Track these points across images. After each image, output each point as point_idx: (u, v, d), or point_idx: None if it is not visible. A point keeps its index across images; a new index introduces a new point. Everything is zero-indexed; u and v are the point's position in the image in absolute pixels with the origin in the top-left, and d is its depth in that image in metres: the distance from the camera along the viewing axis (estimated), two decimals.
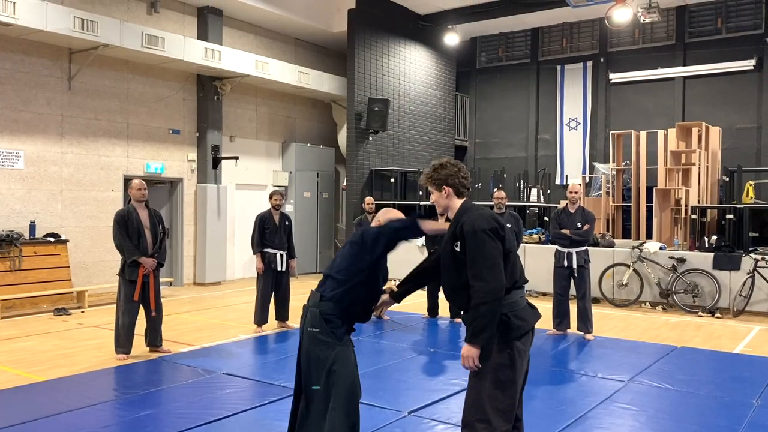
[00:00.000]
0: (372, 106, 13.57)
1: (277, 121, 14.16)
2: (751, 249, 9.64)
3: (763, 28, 13.46)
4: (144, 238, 6.48)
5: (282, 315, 8.00)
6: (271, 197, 7.95)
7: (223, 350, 6.82)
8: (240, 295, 11.08)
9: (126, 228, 6.41)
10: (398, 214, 3.66)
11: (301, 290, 11.66)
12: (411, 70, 15.22)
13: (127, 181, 8.79)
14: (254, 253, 7.88)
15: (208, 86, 12.31)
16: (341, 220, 14.97)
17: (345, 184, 14.18)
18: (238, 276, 13.26)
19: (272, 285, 7.84)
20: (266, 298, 7.84)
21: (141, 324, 6.59)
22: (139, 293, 6.43)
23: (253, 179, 13.60)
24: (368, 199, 8.87)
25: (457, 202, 3.24)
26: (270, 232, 7.79)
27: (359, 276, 3.33)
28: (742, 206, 10.41)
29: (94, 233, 10.72)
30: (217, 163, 12.31)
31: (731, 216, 10.27)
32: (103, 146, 10.89)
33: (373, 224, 3.61)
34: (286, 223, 7.99)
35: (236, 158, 12.51)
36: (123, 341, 6.43)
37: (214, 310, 9.65)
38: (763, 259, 9.06)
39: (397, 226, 3.42)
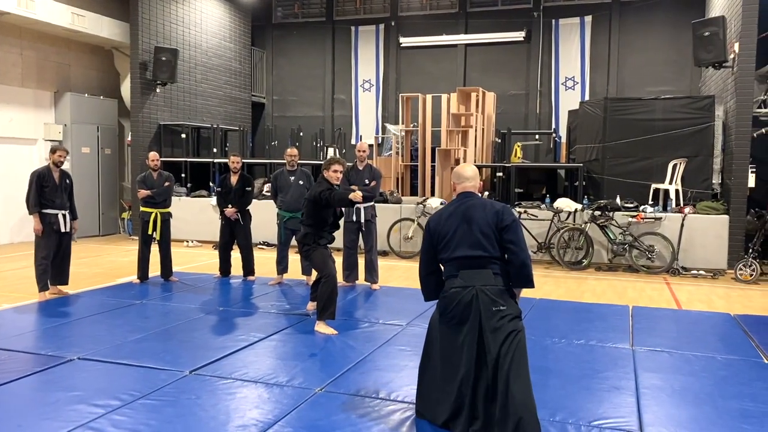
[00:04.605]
0: (159, 55, 12.72)
1: (47, 67, 12.66)
2: (516, 203, 10.80)
3: (532, 3, 14.86)
4: None
5: (61, 279, 7.35)
6: (53, 152, 7.23)
7: None
8: (6, 261, 9.90)
9: None
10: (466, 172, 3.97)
11: (83, 254, 10.82)
12: (202, 20, 14.48)
13: None
14: (31, 214, 7.12)
15: None
16: (126, 179, 13.96)
17: (130, 139, 13.21)
18: (5, 241, 11.82)
19: (55, 247, 7.19)
20: (49, 261, 7.18)
21: None
22: None
23: (20, 132, 12.09)
24: (152, 155, 8.31)
25: None
26: (50, 191, 7.14)
27: None
28: (510, 165, 11.58)
29: None
30: None
31: (501, 174, 11.38)
32: None
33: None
34: (67, 181, 7.38)
35: None
36: None
37: None
38: (525, 212, 10.21)
39: None
